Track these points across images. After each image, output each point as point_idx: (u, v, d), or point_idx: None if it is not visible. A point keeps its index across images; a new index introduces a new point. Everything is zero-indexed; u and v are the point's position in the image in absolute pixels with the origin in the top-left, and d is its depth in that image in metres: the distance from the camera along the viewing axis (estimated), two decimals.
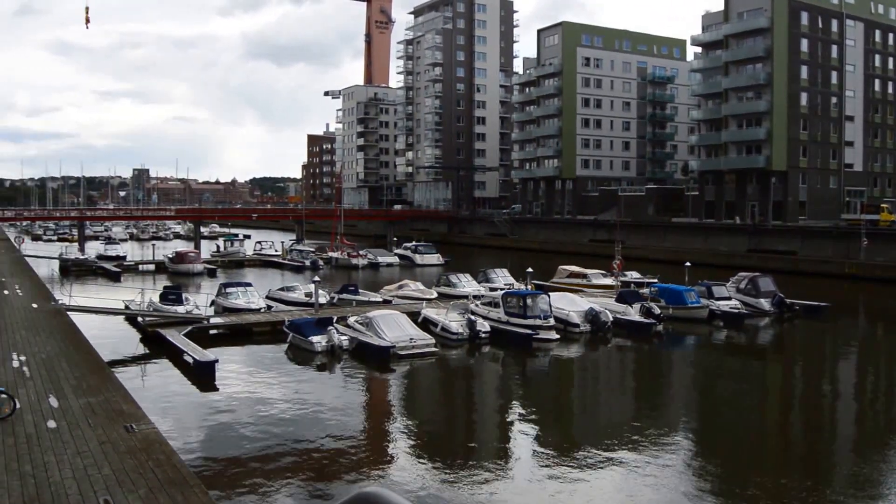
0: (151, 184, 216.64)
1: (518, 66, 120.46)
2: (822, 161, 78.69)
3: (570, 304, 35.23)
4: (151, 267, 65.93)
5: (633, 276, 49.71)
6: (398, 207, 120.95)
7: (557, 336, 32.29)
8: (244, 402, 22.91)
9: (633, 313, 35.75)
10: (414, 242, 79.39)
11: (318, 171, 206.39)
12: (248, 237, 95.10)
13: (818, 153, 78.46)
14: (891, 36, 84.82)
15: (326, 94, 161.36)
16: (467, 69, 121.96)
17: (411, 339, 29.22)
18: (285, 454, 18.23)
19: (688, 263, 44.69)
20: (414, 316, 33.59)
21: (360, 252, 70.54)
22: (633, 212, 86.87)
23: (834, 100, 79.66)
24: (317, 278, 40.06)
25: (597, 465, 17.83)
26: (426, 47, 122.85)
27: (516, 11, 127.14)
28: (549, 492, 16.17)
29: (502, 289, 41.33)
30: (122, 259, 69.53)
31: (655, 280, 46.19)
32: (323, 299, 37.53)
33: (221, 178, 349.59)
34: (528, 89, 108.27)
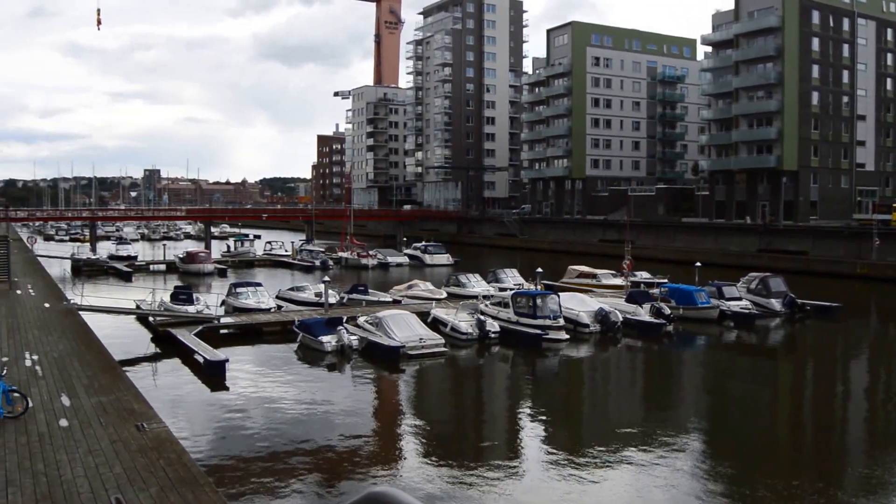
0: (162, 184, 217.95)
1: (527, 66, 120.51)
2: (833, 160, 78.23)
3: (579, 305, 35.16)
4: (162, 267, 66.26)
5: (643, 276, 49.54)
6: (408, 207, 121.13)
7: (567, 336, 32.22)
8: (254, 401, 22.98)
9: (643, 313, 35.64)
10: (424, 242, 79.40)
11: (327, 171, 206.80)
12: (259, 237, 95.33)
13: (829, 153, 78.00)
14: None
15: (336, 94, 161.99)
16: (477, 69, 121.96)
17: (421, 339, 29.23)
18: (295, 453, 18.28)
19: (698, 263, 44.54)
20: (423, 316, 33.61)
21: (370, 252, 70.64)
22: (643, 212, 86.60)
23: (845, 99, 79.18)
24: (327, 278, 40.12)
25: (607, 465, 17.80)
26: (435, 47, 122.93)
27: (526, 11, 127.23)
28: (559, 492, 16.15)
29: (512, 289, 41.27)
30: (134, 259, 69.89)
31: (665, 280, 46.06)
32: (333, 299, 37.61)
33: (232, 179, 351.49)
34: (537, 89, 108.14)
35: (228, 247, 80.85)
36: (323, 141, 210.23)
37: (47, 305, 31.36)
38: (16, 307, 30.46)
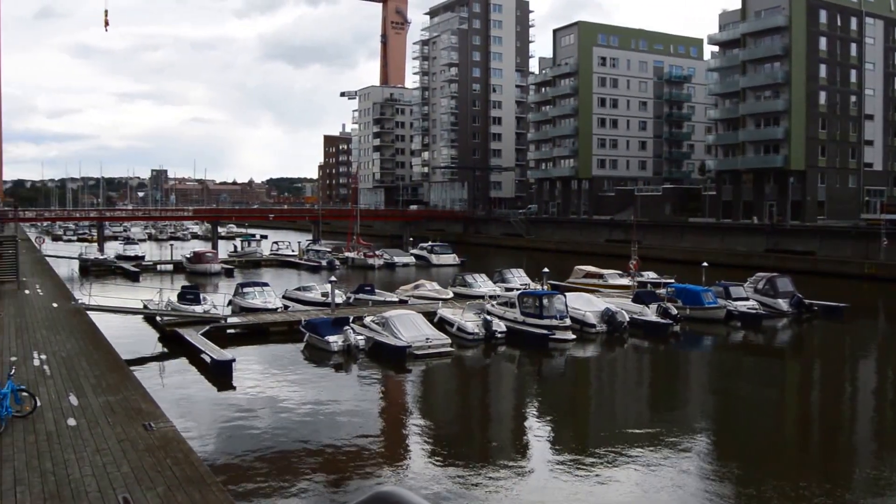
0: (169, 184, 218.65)
1: (534, 65, 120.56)
2: (841, 160, 77.91)
3: (586, 305, 35.13)
4: (169, 267, 66.40)
5: (649, 276, 49.49)
6: (414, 208, 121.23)
7: (573, 336, 32.19)
8: (261, 401, 23.04)
9: (649, 314, 35.59)
10: (430, 242, 79.50)
11: (334, 171, 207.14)
12: (265, 237, 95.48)
13: (837, 152, 77.68)
14: None
15: (342, 94, 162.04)
16: (483, 69, 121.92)
17: (427, 339, 29.24)
18: (302, 453, 18.32)
19: (705, 263, 44.47)
20: (430, 316, 33.61)
21: (377, 252, 70.72)
22: (649, 212, 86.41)
23: (853, 98, 78.85)
24: (333, 278, 40.07)
25: (613, 465, 17.78)
26: (442, 48, 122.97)
27: (532, 11, 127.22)
28: (565, 493, 16.14)
29: (518, 289, 41.25)
30: (141, 259, 70.22)
31: (672, 280, 45.95)
32: (339, 299, 37.63)
33: (238, 179, 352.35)
34: (543, 89, 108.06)
35: (235, 247, 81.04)
36: (329, 141, 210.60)
37: (55, 305, 31.51)
38: (24, 307, 30.63)
